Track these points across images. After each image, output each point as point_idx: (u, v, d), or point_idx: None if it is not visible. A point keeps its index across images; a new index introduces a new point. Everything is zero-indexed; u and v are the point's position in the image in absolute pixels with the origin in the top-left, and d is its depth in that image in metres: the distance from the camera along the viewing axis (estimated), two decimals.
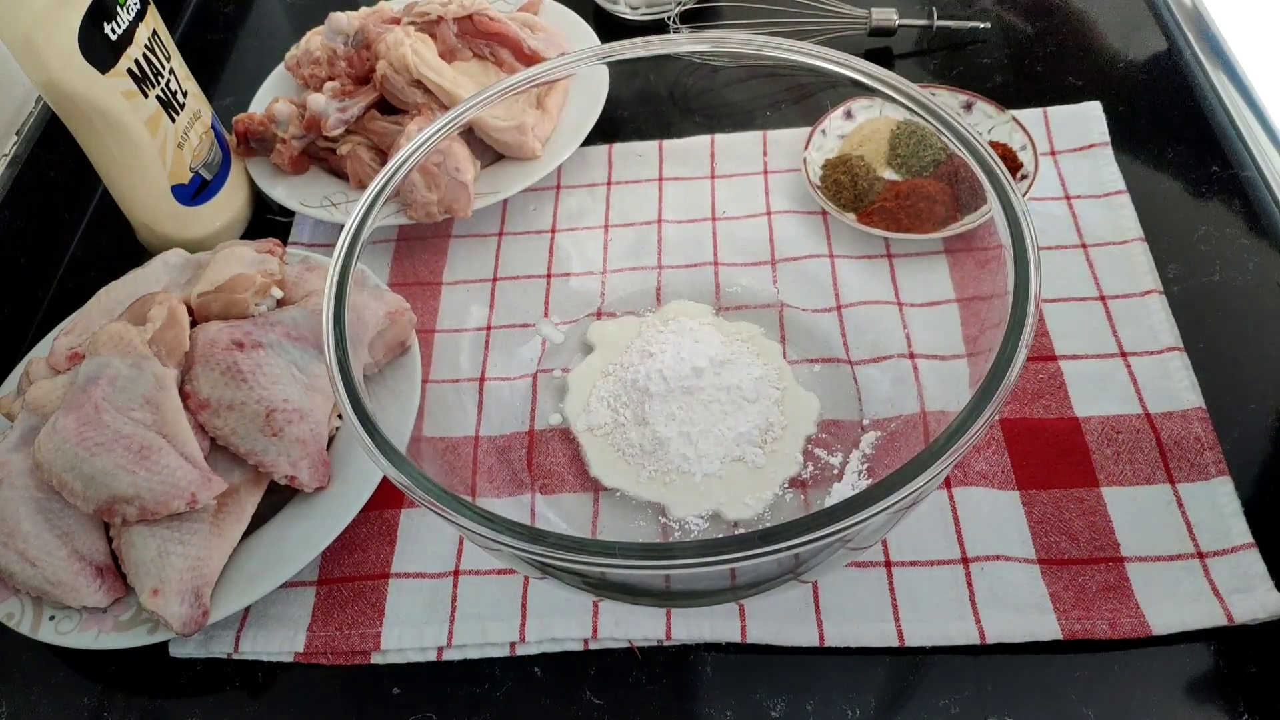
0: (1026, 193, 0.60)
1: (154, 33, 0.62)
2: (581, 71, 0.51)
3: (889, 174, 0.62)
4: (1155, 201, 0.61)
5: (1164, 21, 0.73)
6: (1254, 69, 0.67)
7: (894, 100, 0.44)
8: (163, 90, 0.62)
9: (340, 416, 0.46)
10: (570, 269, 0.62)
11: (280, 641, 0.49)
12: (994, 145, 0.62)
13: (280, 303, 0.55)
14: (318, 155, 0.69)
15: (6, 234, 0.67)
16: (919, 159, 0.61)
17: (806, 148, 0.63)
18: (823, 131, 0.64)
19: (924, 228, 0.57)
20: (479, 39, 0.70)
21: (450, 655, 0.48)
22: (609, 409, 0.54)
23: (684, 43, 0.51)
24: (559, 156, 0.65)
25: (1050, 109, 0.66)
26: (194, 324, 0.53)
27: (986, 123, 0.64)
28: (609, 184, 0.66)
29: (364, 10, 0.71)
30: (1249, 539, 0.46)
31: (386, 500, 0.53)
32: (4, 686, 0.50)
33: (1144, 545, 0.47)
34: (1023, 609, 0.45)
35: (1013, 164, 0.62)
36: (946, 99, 0.65)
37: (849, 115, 0.65)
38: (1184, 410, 0.51)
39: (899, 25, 0.73)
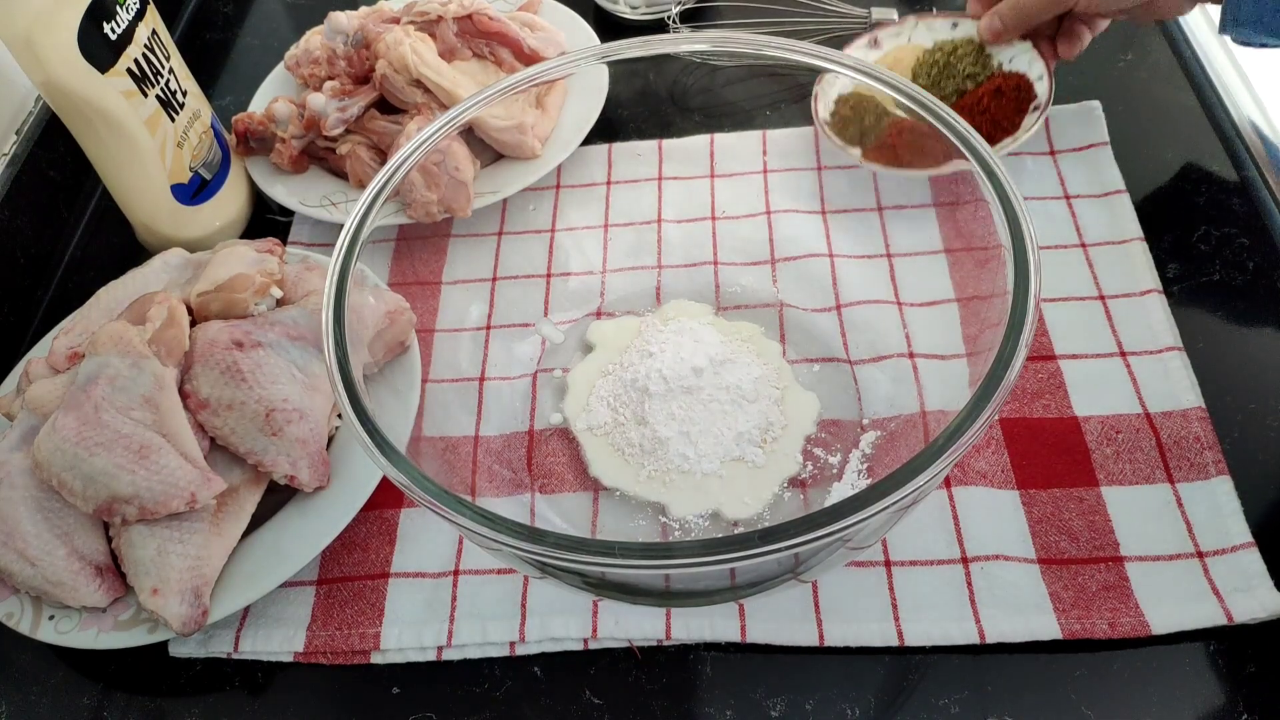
0: (1036, 122, 0.59)
1: (154, 32, 0.62)
2: (581, 71, 0.51)
3: (899, 113, 0.62)
4: (1155, 201, 0.61)
5: (1163, 21, 0.72)
6: (1254, 68, 0.67)
7: (895, 100, 0.44)
8: (162, 90, 0.62)
9: (340, 416, 0.46)
10: (570, 269, 0.62)
11: (280, 641, 0.49)
12: (1011, 75, 0.62)
13: (280, 302, 0.55)
14: (317, 155, 0.69)
15: (6, 234, 0.67)
16: (940, 90, 0.61)
17: (819, 82, 0.63)
18: None
19: (923, 163, 0.56)
20: (479, 38, 0.69)
21: (450, 655, 0.48)
22: (609, 409, 0.54)
23: (684, 42, 0.51)
24: (559, 156, 0.65)
25: (1050, 109, 0.66)
26: (194, 324, 0.53)
27: (1008, 51, 0.63)
28: (609, 184, 0.66)
29: (364, 10, 0.71)
30: (1249, 539, 0.46)
31: (386, 500, 0.53)
32: (4, 686, 0.50)
33: (1144, 545, 0.47)
34: (1022, 609, 0.45)
35: (1028, 94, 0.61)
36: (970, 28, 0.65)
37: (875, 43, 0.64)
38: (1184, 410, 0.51)
39: None
